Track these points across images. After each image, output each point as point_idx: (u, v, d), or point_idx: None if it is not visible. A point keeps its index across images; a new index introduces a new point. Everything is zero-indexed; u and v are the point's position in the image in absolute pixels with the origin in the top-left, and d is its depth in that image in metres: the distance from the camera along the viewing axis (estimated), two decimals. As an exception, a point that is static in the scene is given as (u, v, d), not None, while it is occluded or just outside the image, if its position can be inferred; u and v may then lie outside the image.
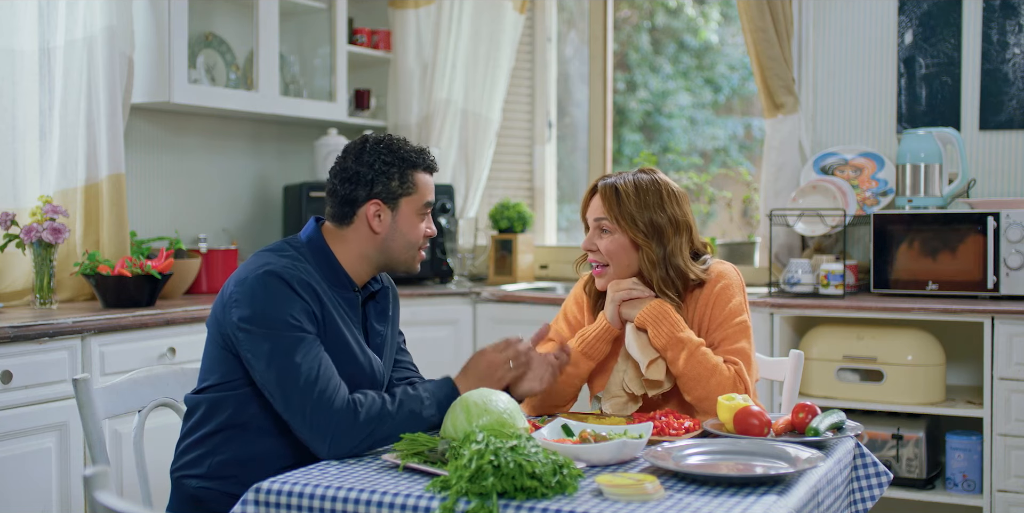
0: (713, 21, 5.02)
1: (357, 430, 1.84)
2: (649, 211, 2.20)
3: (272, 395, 1.88)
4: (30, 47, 3.16)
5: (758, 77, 3.88)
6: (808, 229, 3.63)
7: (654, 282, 2.22)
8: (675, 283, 2.22)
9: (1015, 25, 3.64)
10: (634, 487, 1.56)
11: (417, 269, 2.13)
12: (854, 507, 2.05)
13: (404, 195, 2.05)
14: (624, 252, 2.22)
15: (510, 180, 4.79)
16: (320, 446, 1.83)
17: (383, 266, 2.10)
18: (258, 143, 4.24)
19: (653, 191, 2.22)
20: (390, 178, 2.03)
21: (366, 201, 2.04)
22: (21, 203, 3.15)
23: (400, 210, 2.06)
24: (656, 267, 2.20)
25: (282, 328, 1.88)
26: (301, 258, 2.01)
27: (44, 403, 2.66)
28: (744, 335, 2.22)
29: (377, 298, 2.15)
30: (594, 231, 2.25)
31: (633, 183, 2.22)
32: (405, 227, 2.06)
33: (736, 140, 4.90)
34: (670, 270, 2.21)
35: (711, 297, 2.23)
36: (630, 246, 2.22)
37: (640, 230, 2.19)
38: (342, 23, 4.20)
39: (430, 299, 3.92)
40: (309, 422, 1.84)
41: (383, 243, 2.06)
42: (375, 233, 2.05)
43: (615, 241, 2.22)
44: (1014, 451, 3.12)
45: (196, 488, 1.98)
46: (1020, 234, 3.26)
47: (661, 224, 2.20)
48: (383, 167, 2.03)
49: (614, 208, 2.21)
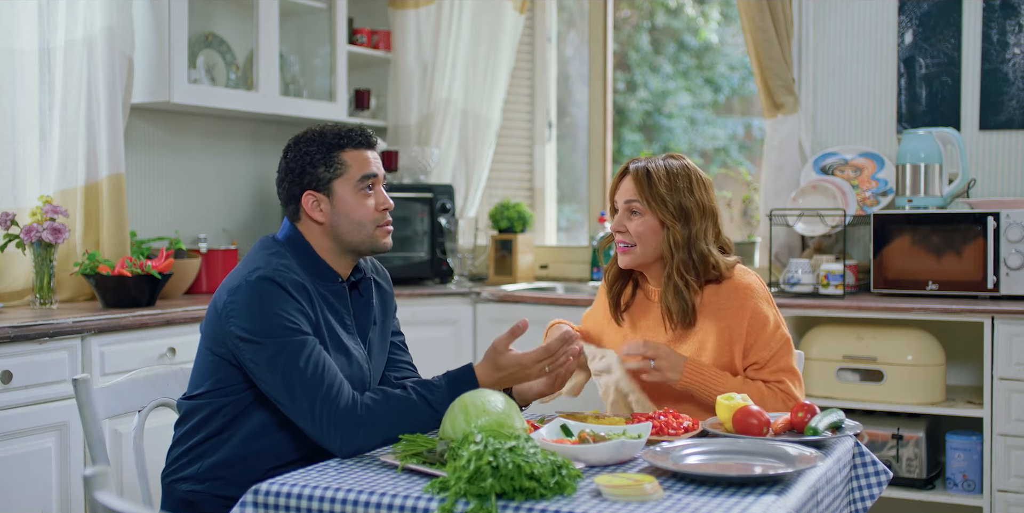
0: (713, 21, 5.02)
1: (365, 425, 1.84)
2: (678, 194, 2.24)
3: (279, 400, 1.89)
4: (30, 47, 3.16)
5: (758, 77, 3.88)
6: (808, 229, 3.63)
7: (673, 264, 2.24)
8: (696, 268, 2.24)
9: (1015, 25, 3.64)
10: (633, 487, 1.56)
11: (386, 246, 2.08)
12: (853, 506, 2.05)
13: (334, 177, 2.02)
14: (653, 234, 2.25)
15: (510, 180, 4.79)
16: (332, 444, 1.84)
17: (350, 252, 2.07)
18: (258, 143, 4.24)
19: (683, 175, 2.26)
20: (315, 166, 2.02)
21: (301, 194, 2.03)
22: (21, 203, 3.16)
23: (335, 194, 2.03)
24: (679, 249, 2.23)
25: (282, 334, 1.88)
26: (285, 256, 2.01)
27: (44, 403, 2.67)
28: (789, 350, 2.25)
29: (360, 289, 2.13)
30: (623, 213, 2.28)
31: (664, 167, 2.26)
32: (346, 208, 2.03)
33: (736, 140, 4.90)
34: (693, 253, 2.23)
35: (743, 310, 2.23)
36: (659, 228, 2.25)
37: (669, 211, 2.23)
38: (342, 23, 4.20)
39: (430, 299, 3.92)
40: (318, 422, 1.84)
41: (332, 230, 2.04)
42: (319, 223, 2.04)
43: (644, 223, 2.25)
44: (1014, 451, 3.12)
45: (186, 492, 1.99)
46: (1020, 234, 3.26)
47: (689, 207, 2.24)
48: (306, 157, 2.02)
49: (645, 190, 2.24)
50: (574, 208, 4.94)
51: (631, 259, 2.28)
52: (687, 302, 2.23)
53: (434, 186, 4.20)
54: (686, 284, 2.23)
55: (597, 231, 4.29)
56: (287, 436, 1.97)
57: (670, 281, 2.24)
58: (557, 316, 3.83)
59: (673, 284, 2.24)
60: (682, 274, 2.23)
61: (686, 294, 2.23)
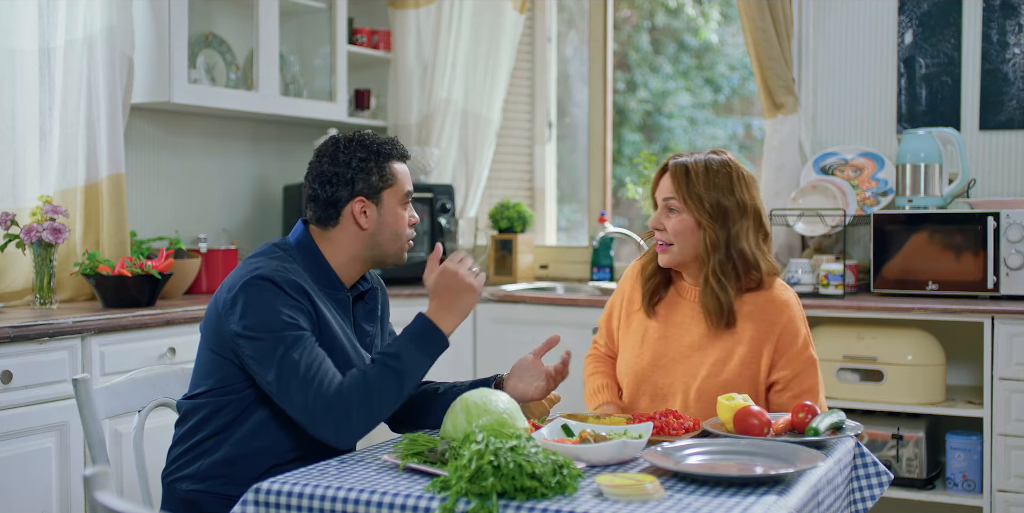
0: (713, 21, 5.02)
1: (352, 410, 1.84)
2: (717, 192, 2.18)
3: (274, 392, 1.89)
4: (30, 47, 3.16)
5: (758, 77, 3.88)
6: (808, 229, 3.63)
7: (709, 266, 2.19)
8: (736, 268, 2.18)
9: (1015, 25, 3.64)
10: (634, 487, 1.56)
11: (405, 260, 2.14)
12: (854, 507, 2.05)
13: (385, 187, 2.07)
14: (690, 233, 2.20)
15: (510, 180, 4.79)
16: (328, 436, 1.85)
17: (374, 262, 2.11)
18: (258, 143, 4.24)
19: (723, 173, 2.20)
20: (369, 173, 2.05)
21: (349, 200, 2.05)
22: (21, 203, 3.15)
23: (384, 203, 2.07)
24: (716, 250, 2.18)
25: (280, 329, 1.89)
26: (291, 260, 2.02)
27: (44, 403, 2.66)
28: (814, 370, 2.21)
29: (366, 298, 2.17)
30: (662, 210, 2.24)
31: (704, 164, 2.21)
32: (391, 218, 2.08)
33: (736, 140, 4.90)
34: (732, 253, 2.18)
35: (778, 324, 2.19)
36: (696, 227, 2.20)
37: (706, 210, 2.18)
38: (342, 23, 4.20)
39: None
40: (312, 414, 1.85)
41: (371, 238, 2.07)
42: (363, 229, 2.06)
43: (682, 221, 2.20)
44: (1014, 451, 3.12)
45: (187, 491, 1.99)
46: (1020, 234, 3.26)
47: (728, 206, 2.18)
48: (360, 164, 2.04)
49: (682, 188, 2.20)
50: (574, 208, 4.94)
51: (669, 258, 2.23)
52: (723, 303, 2.18)
53: (434, 186, 4.20)
54: (723, 287, 2.18)
55: (597, 231, 4.28)
56: (287, 434, 1.98)
57: (707, 284, 2.19)
58: (557, 316, 3.84)
59: (710, 287, 2.19)
60: (719, 277, 2.18)
61: (722, 296, 2.17)
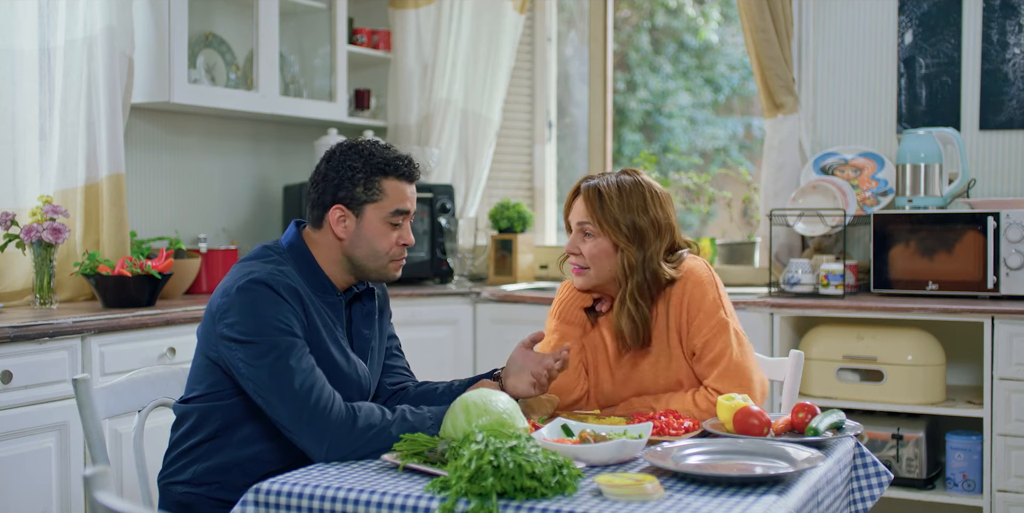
0: (713, 21, 5.02)
1: (354, 436, 1.82)
2: (632, 214, 2.16)
3: (267, 400, 1.85)
4: (30, 47, 3.16)
5: (758, 77, 3.88)
6: (808, 229, 3.63)
7: (628, 288, 2.17)
8: (651, 288, 2.18)
9: (1015, 25, 3.64)
10: (634, 487, 1.56)
11: (394, 277, 2.07)
12: (854, 507, 2.05)
13: (369, 202, 2.00)
14: (606, 256, 2.18)
15: (510, 180, 4.79)
16: (317, 450, 1.82)
17: (356, 273, 2.05)
18: (258, 143, 4.24)
19: (637, 193, 2.18)
20: (354, 184, 1.99)
21: (331, 205, 2.00)
22: (21, 203, 3.15)
23: (365, 217, 2.00)
24: (634, 272, 2.16)
25: (274, 334, 1.86)
26: (284, 262, 1.99)
27: (44, 403, 2.66)
28: (723, 334, 2.16)
29: (363, 299, 2.12)
30: (577, 234, 2.21)
31: (616, 185, 2.18)
32: (370, 234, 2.01)
33: (736, 140, 4.90)
34: (647, 275, 2.16)
35: (683, 297, 2.18)
36: (612, 250, 2.18)
37: (622, 233, 2.16)
38: (342, 23, 4.20)
39: (430, 299, 3.92)
40: (306, 426, 1.82)
41: (348, 249, 2.02)
42: (339, 239, 2.01)
43: (597, 245, 2.18)
44: (1014, 451, 3.12)
45: (181, 494, 1.99)
46: (1020, 234, 3.26)
47: (643, 227, 2.16)
48: (348, 172, 1.99)
49: (597, 212, 2.17)
50: (574, 208, 4.93)
51: (585, 281, 2.21)
52: (638, 325, 2.17)
53: (434, 186, 4.20)
54: (638, 307, 2.16)
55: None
56: (281, 443, 1.95)
57: (623, 306, 2.18)
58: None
59: (626, 309, 2.17)
60: (635, 299, 2.16)
61: (637, 318, 2.17)
